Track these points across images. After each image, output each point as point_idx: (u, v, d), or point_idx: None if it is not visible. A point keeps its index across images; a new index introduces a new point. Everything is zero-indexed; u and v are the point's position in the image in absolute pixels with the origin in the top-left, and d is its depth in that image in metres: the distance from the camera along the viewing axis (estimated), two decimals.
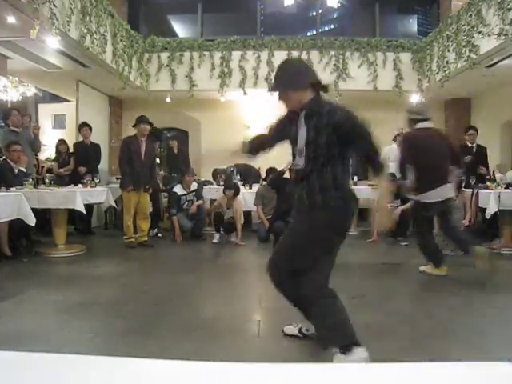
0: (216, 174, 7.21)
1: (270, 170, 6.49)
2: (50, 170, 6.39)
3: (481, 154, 5.91)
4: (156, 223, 6.08)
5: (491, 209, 4.70)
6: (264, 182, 6.17)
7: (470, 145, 5.94)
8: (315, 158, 1.93)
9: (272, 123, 2.24)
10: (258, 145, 2.29)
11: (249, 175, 7.11)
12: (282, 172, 5.51)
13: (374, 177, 2.00)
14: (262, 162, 6.90)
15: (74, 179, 5.71)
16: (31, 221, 4.15)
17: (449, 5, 7.39)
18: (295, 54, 7.36)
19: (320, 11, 8.66)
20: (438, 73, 6.55)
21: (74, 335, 2.34)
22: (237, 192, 5.85)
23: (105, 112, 8.05)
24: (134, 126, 5.35)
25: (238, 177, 6.94)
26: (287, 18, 9.10)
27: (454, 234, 4.01)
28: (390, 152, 6.22)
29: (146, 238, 5.40)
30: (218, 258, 4.81)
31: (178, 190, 6.04)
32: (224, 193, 5.93)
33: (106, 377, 0.61)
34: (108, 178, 7.26)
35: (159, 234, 6.03)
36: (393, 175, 5.86)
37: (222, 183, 6.90)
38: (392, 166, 6.19)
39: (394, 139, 6.19)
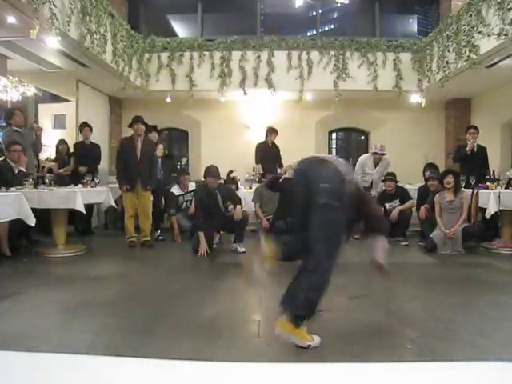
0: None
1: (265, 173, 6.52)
2: (50, 170, 6.39)
3: (481, 154, 5.90)
4: (158, 224, 5.94)
5: (491, 209, 4.70)
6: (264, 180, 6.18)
7: None
8: None
9: None
10: None
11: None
12: (278, 176, 5.48)
13: None
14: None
15: (74, 179, 5.71)
16: (31, 221, 4.15)
17: (449, 5, 7.40)
18: (295, 53, 7.37)
19: (320, 11, 8.66)
20: (438, 73, 6.55)
21: (74, 335, 2.34)
22: (236, 186, 6.10)
23: (105, 112, 8.05)
24: (129, 126, 5.39)
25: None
26: (287, 17, 9.07)
27: None
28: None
29: (148, 238, 5.38)
30: (217, 258, 4.81)
31: (175, 190, 6.07)
32: None
33: (105, 376, 0.61)
34: (108, 178, 7.26)
35: (160, 237, 5.84)
36: (393, 174, 5.89)
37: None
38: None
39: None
